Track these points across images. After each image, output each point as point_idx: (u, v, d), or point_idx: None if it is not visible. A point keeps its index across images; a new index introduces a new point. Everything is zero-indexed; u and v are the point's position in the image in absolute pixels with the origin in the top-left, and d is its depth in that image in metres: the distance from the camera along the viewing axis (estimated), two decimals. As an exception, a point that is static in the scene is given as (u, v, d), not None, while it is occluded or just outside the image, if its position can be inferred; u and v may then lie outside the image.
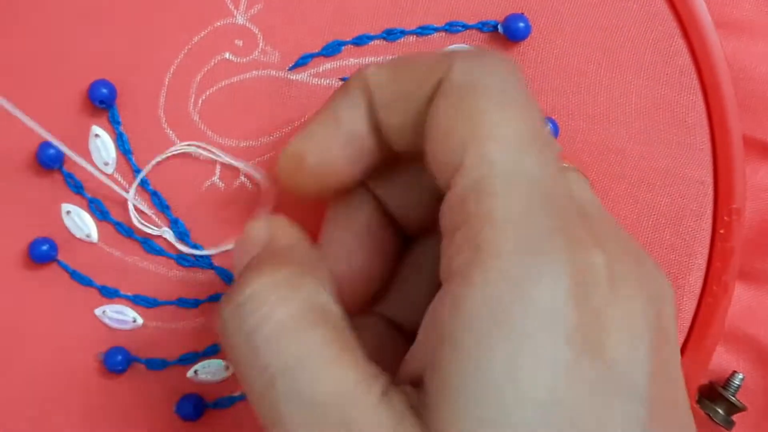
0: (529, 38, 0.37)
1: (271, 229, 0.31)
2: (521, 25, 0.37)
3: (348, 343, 0.27)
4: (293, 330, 0.26)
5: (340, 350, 0.26)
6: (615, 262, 0.26)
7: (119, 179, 0.37)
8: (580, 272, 0.25)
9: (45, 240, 0.37)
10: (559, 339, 0.24)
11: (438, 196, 0.28)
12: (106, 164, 0.37)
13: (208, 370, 0.37)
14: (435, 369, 0.25)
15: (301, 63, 0.37)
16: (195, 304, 0.37)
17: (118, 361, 0.37)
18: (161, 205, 0.37)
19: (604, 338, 0.25)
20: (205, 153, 0.37)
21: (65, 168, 0.37)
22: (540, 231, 0.25)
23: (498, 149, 0.26)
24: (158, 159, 0.37)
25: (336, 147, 0.31)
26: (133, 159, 0.37)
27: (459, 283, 0.25)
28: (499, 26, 0.37)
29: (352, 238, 0.33)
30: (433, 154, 0.27)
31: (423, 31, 0.37)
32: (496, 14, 0.37)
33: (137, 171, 0.37)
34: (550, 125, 0.37)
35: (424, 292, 0.33)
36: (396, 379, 0.27)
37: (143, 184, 0.37)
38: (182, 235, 0.37)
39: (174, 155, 0.37)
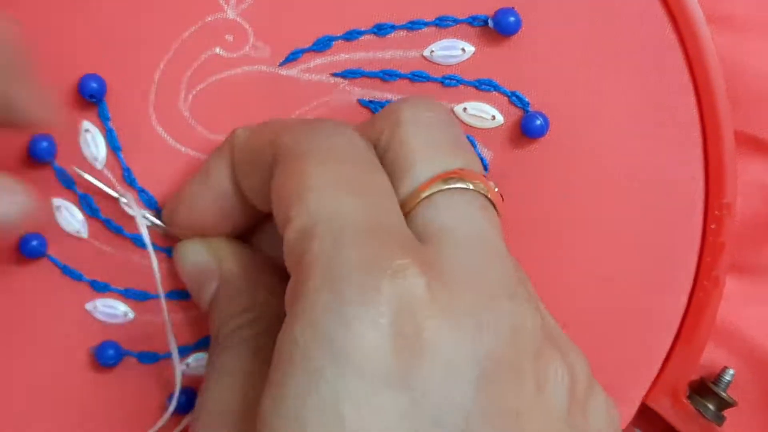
0: (519, 33, 0.37)
1: (216, 259, 0.35)
2: (512, 19, 0.36)
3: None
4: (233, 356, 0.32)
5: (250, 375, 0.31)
6: (443, 288, 0.26)
7: (108, 175, 0.37)
8: (386, 300, 0.25)
9: (35, 235, 0.37)
10: (350, 372, 0.25)
11: None
12: (96, 160, 0.37)
13: (200, 363, 0.37)
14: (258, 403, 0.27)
15: (292, 58, 0.37)
16: (185, 296, 0.37)
17: (109, 355, 0.37)
18: (149, 203, 0.37)
19: (412, 369, 0.25)
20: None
21: (57, 163, 0.37)
22: (345, 265, 0.26)
23: (315, 198, 0.27)
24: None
25: (204, 204, 0.34)
26: (122, 156, 0.37)
27: (284, 321, 0.27)
28: (489, 21, 0.37)
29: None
30: (275, 215, 0.29)
31: (413, 25, 0.37)
32: (486, 9, 0.37)
33: (125, 169, 0.37)
34: (540, 120, 0.37)
35: None
36: None
37: (131, 182, 0.37)
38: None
39: (162, 150, 0.37)
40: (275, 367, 0.26)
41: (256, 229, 0.36)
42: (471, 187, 0.30)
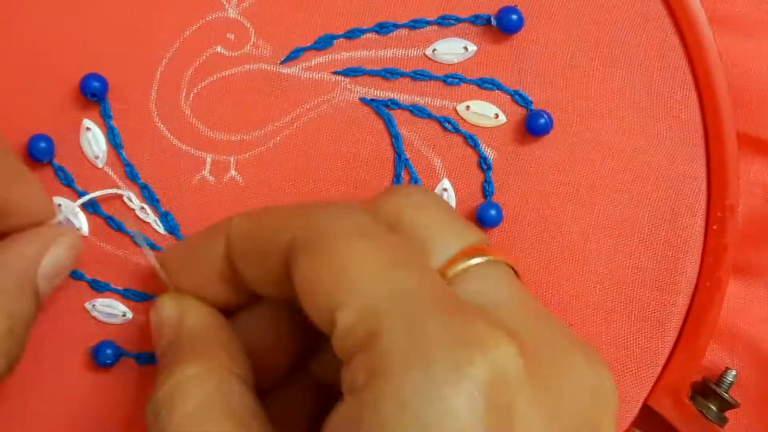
0: (522, 31, 0.37)
1: (180, 309, 0.33)
2: (514, 17, 0.36)
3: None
4: (195, 423, 0.29)
5: None
6: (535, 355, 0.26)
7: (109, 173, 0.37)
8: (478, 373, 0.24)
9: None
10: None
11: None
12: (97, 158, 0.37)
13: None
14: None
15: (293, 57, 0.37)
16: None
17: (107, 355, 0.37)
18: (151, 199, 0.37)
19: None
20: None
21: (56, 161, 0.37)
22: (427, 341, 0.25)
23: (367, 278, 0.26)
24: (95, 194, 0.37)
25: (206, 283, 0.33)
26: (124, 153, 0.37)
27: (354, 402, 0.25)
28: (492, 19, 0.37)
29: (262, 316, 0.34)
30: (307, 306, 0.28)
31: (415, 24, 0.37)
32: (489, 7, 0.37)
33: (127, 165, 0.37)
34: (545, 118, 0.37)
35: None
36: None
37: (133, 177, 0.37)
38: (172, 229, 0.37)
39: (164, 149, 0.37)
40: None
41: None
42: (500, 259, 0.30)
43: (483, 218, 0.37)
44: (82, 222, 0.37)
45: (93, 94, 0.36)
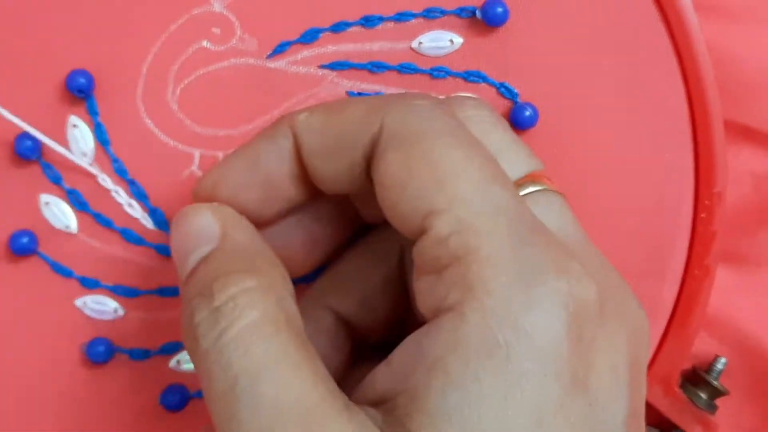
0: (507, 23, 0.37)
1: (222, 222, 0.30)
2: (499, 10, 0.36)
3: (311, 353, 0.27)
4: (261, 334, 0.26)
5: (305, 360, 0.26)
6: (604, 294, 0.26)
7: (97, 171, 0.37)
8: (574, 305, 0.25)
9: (25, 232, 0.36)
10: (550, 375, 0.25)
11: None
12: (84, 155, 0.37)
13: (190, 360, 0.37)
14: (418, 397, 0.25)
15: (279, 51, 0.37)
16: (176, 292, 0.37)
17: (100, 351, 0.37)
18: (139, 195, 0.37)
19: (590, 374, 0.25)
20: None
21: (43, 159, 0.37)
22: (530, 264, 0.25)
23: (468, 188, 0.26)
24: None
25: (251, 189, 0.31)
26: (111, 149, 0.37)
27: (453, 319, 0.25)
28: (477, 11, 0.37)
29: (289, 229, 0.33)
30: (392, 205, 0.27)
31: (401, 17, 0.37)
32: (474, -1, 0.37)
33: (115, 161, 0.37)
34: (530, 111, 0.37)
35: (377, 291, 0.33)
36: (354, 396, 0.27)
37: (121, 173, 0.37)
38: (161, 224, 0.37)
39: (152, 144, 0.37)
40: (458, 362, 0.25)
41: None
42: (557, 191, 0.30)
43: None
44: (71, 219, 0.37)
45: (79, 90, 0.36)
